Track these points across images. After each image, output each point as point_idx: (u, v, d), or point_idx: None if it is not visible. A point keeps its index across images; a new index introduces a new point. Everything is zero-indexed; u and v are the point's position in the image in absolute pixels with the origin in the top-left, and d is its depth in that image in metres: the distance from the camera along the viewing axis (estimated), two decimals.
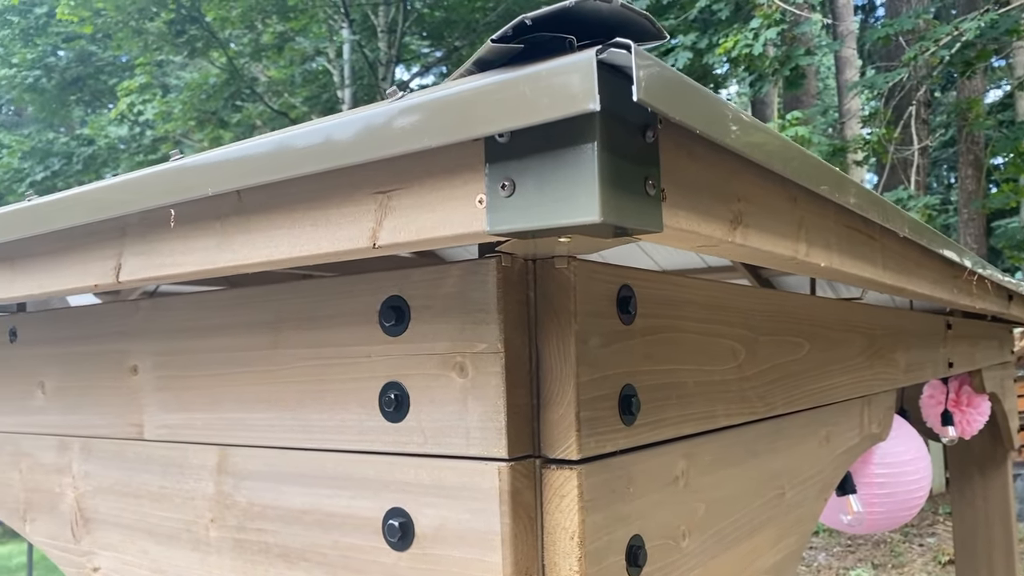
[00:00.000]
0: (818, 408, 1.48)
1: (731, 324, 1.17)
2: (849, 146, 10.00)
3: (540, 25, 0.54)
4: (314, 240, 0.71)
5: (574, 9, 0.52)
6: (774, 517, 1.27)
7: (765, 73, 8.98)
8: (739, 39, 8.35)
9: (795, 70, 8.87)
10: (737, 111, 0.64)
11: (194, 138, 13.06)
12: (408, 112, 0.60)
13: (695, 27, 10.46)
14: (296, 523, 0.98)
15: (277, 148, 0.69)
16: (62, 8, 10.77)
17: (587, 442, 0.83)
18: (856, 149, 9.91)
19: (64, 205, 0.90)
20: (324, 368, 0.96)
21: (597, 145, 0.54)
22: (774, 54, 9.21)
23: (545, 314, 0.85)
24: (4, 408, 1.38)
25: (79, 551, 1.24)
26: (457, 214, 0.62)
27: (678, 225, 0.63)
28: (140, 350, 1.17)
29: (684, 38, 10.29)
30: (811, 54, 9.03)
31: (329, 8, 12.55)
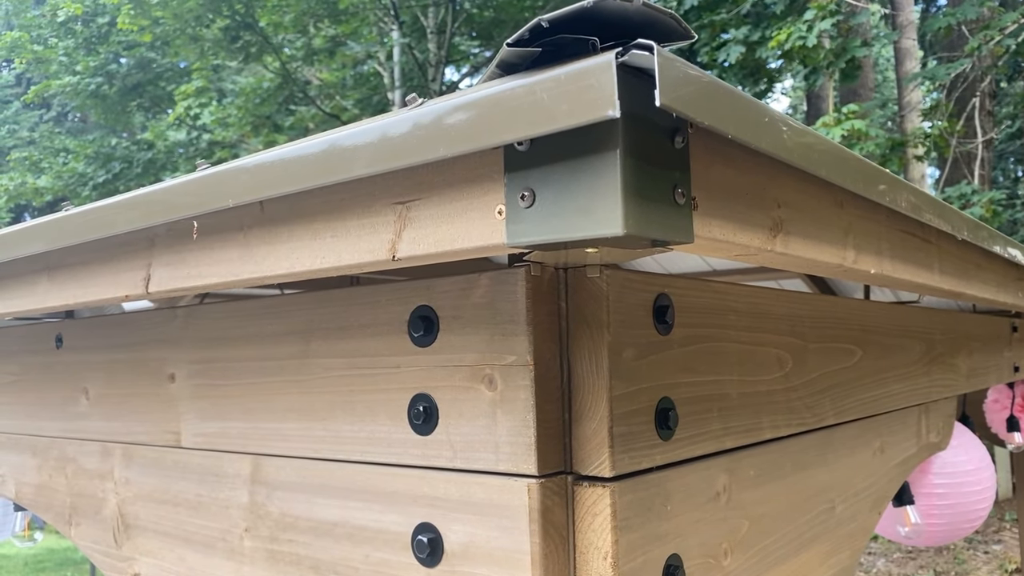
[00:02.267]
0: (871, 418, 1.42)
1: (777, 332, 1.12)
2: (909, 140, 9.69)
3: (558, 27, 0.51)
4: (335, 252, 0.69)
5: (594, 9, 0.49)
6: (824, 532, 1.22)
7: (820, 66, 8.76)
8: (792, 31, 8.16)
9: (851, 62, 8.63)
10: (775, 113, 0.60)
11: (250, 142, 13.32)
12: (423, 121, 0.58)
13: (747, 21, 10.27)
14: (327, 536, 0.97)
15: (296, 158, 0.68)
16: (122, 18, 11.08)
17: (621, 458, 0.80)
18: (916, 143, 9.60)
19: (95, 216, 0.90)
20: (354, 378, 0.94)
21: (620, 153, 0.51)
22: (830, 46, 8.98)
23: (577, 325, 0.82)
24: (51, 414, 1.40)
25: (120, 556, 1.25)
26: (476, 225, 0.59)
27: (711, 235, 0.60)
28: (177, 358, 1.17)
29: (736, 32, 10.11)
30: (867, 45, 8.77)
31: (379, 11, 12.66)
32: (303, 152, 0.67)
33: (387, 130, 0.61)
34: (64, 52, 12.64)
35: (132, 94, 13.56)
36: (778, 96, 23.55)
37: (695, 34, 0.52)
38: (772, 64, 12.07)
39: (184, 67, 13.30)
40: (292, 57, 12.82)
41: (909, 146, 9.76)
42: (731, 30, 10.36)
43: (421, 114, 0.59)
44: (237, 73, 14.12)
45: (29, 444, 1.46)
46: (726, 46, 10.12)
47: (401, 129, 0.59)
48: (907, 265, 0.99)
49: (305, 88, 13.05)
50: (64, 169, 13.59)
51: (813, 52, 8.68)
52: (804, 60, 9.00)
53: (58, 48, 12.55)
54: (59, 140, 15.73)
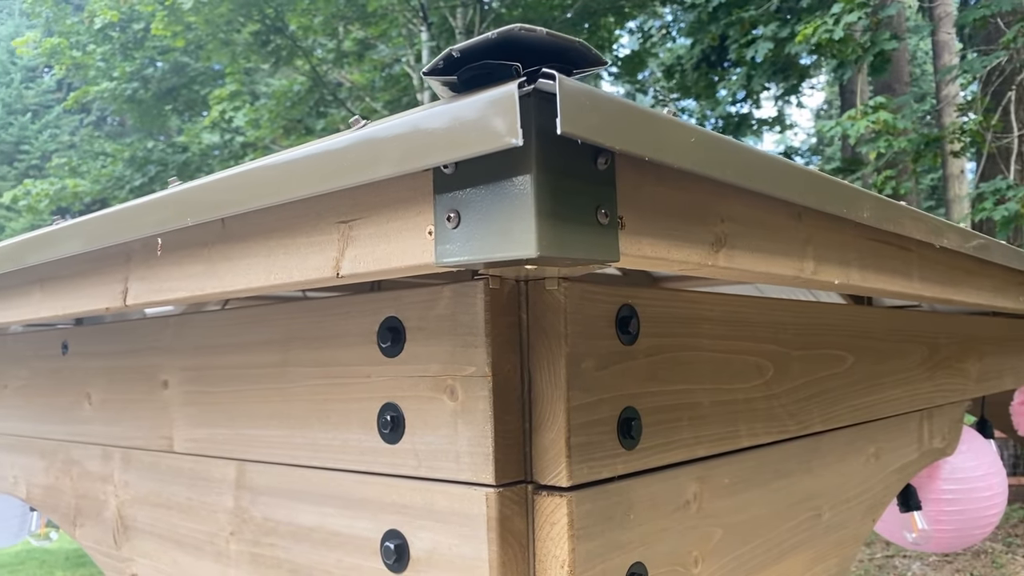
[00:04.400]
0: (865, 424, 1.41)
1: (757, 339, 1.12)
2: (945, 135, 9.50)
3: (470, 57, 0.52)
4: (286, 268, 0.71)
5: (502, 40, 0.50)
6: (808, 540, 1.22)
7: (848, 60, 8.63)
8: (819, 25, 8.05)
9: (880, 55, 8.49)
10: (703, 132, 0.61)
11: (282, 144, 13.49)
12: (358, 143, 0.60)
13: (778, 16, 10.16)
14: (305, 540, 1.00)
15: (249, 177, 0.70)
16: (156, 23, 11.29)
17: (579, 468, 0.81)
18: (953, 139, 9.41)
19: (78, 230, 0.94)
20: (328, 387, 0.97)
21: (533, 176, 0.52)
22: (861, 39, 8.84)
23: (536, 337, 0.83)
24: (57, 417, 1.45)
25: (120, 557, 1.29)
26: (410, 244, 0.61)
27: (641, 252, 0.61)
28: (170, 365, 1.21)
29: (765, 29, 10.01)
30: (897, 38, 8.61)
31: (408, 12, 12.74)
32: (256, 171, 0.70)
33: (328, 150, 0.63)
34: (102, 58, 12.90)
35: (167, 98, 13.80)
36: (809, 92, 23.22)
37: (606, 60, 0.53)
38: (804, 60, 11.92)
39: (218, 70, 13.51)
40: (322, 60, 12.96)
41: (946, 141, 9.57)
42: (760, 27, 10.26)
43: (357, 136, 0.60)
44: (270, 76, 14.31)
45: (38, 447, 1.51)
46: (755, 43, 10.02)
47: (339, 150, 0.61)
48: (880, 274, 0.99)
49: (336, 91, 13.18)
50: (102, 172, 13.88)
51: (842, 45, 8.56)
52: (837, 54, 8.88)
53: (96, 54, 12.81)
54: (98, 144, 16.09)
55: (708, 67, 12.76)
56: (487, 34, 0.50)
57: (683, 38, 14.20)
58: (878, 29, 8.99)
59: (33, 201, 14.32)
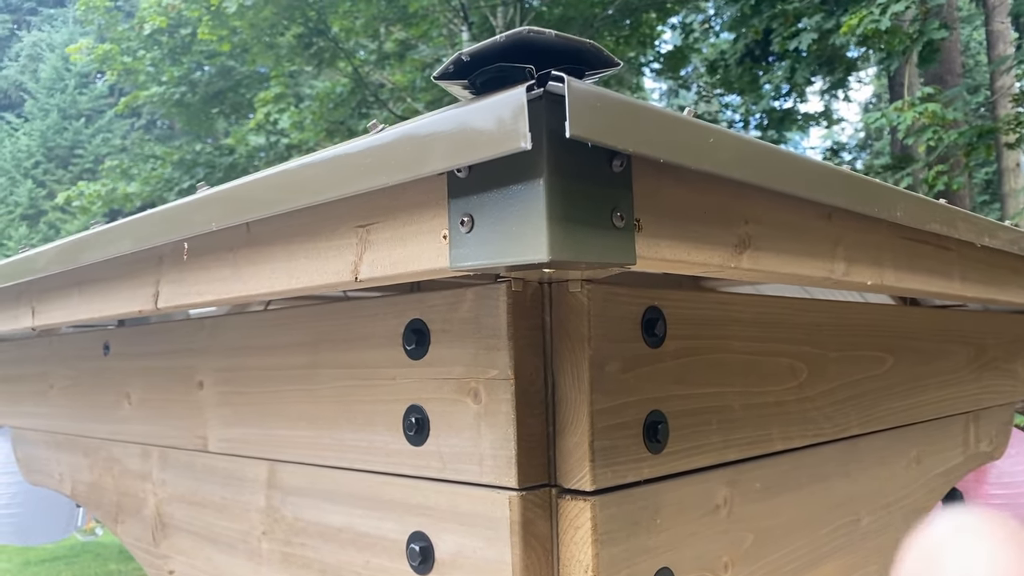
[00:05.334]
0: (906, 427, 1.37)
1: (790, 341, 1.10)
2: (999, 127, 9.22)
3: (480, 60, 0.52)
4: (307, 272, 0.72)
5: (508, 44, 0.50)
6: (846, 545, 1.19)
7: (895, 51, 8.43)
8: (864, 16, 7.87)
9: (928, 45, 8.27)
10: (723, 133, 0.59)
11: (325, 146, 13.65)
12: (373, 147, 0.60)
13: (823, 8, 9.96)
14: (334, 541, 1.00)
15: (270, 182, 0.71)
16: (202, 29, 11.51)
17: (603, 472, 0.80)
18: (1008, 130, 9.13)
19: (113, 235, 0.96)
20: (355, 389, 0.97)
21: (544, 180, 0.52)
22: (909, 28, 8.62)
23: (560, 339, 0.82)
24: (99, 416, 1.48)
25: (158, 554, 1.32)
26: (425, 248, 0.61)
27: (659, 255, 0.60)
28: (205, 366, 1.23)
29: (809, 20, 9.83)
30: (947, 28, 8.37)
31: (449, 12, 12.79)
32: (277, 175, 0.70)
33: (345, 154, 0.63)
34: (151, 63, 13.19)
35: (214, 101, 14.06)
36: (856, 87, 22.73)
37: (619, 61, 0.52)
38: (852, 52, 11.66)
39: (263, 73, 13.71)
40: (364, 61, 13.08)
41: (1001, 133, 9.29)
42: (805, 19, 10.08)
43: (373, 140, 0.60)
44: (313, 78, 14.49)
45: (82, 445, 1.55)
46: (799, 35, 9.85)
47: (354, 156, 0.62)
48: (917, 274, 0.96)
49: (377, 92, 13.29)
50: (152, 175, 14.20)
51: (889, 36, 8.36)
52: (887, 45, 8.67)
53: (145, 59, 13.10)
54: (148, 147, 16.46)
55: (752, 62, 12.57)
56: (495, 38, 0.50)
57: (725, 33, 14.02)
58: (927, 18, 8.76)
59: (86, 202, 14.72)
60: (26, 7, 29.41)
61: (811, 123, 14.85)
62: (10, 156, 22.78)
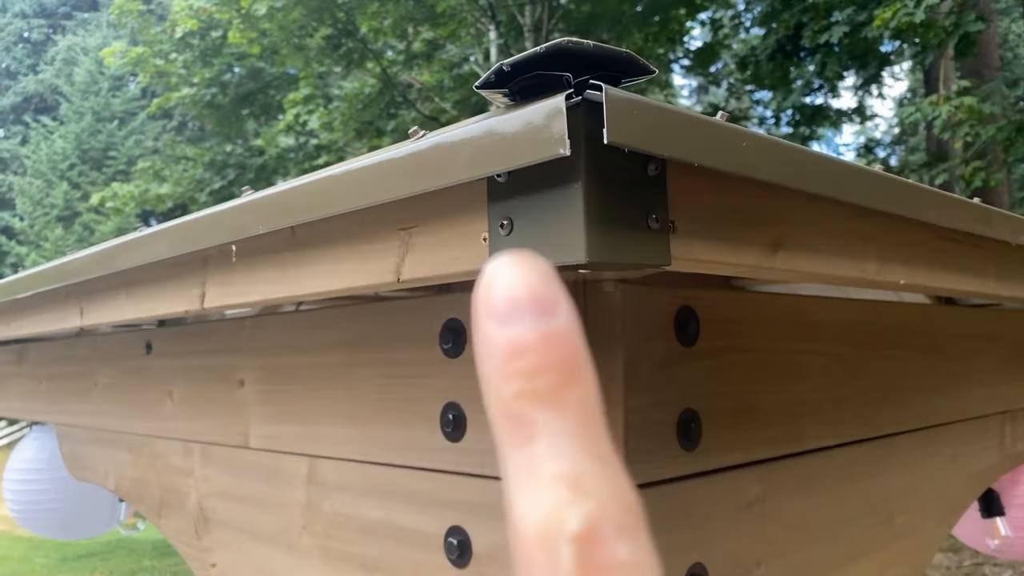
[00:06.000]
0: (941, 426, 1.37)
1: (824, 340, 1.10)
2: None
3: (521, 69, 0.54)
4: (351, 273, 0.74)
5: (547, 53, 0.52)
6: (879, 544, 1.19)
7: (930, 44, 8.30)
8: (898, 8, 7.76)
9: (965, 38, 8.14)
10: (756, 136, 0.60)
11: (354, 146, 13.78)
12: (414, 154, 0.62)
13: (855, 1, 9.84)
14: (372, 535, 1.03)
15: (315, 187, 0.73)
16: (233, 32, 11.67)
17: (637, 469, 0.82)
18: None
19: (160, 237, 0.99)
20: (393, 386, 1.00)
21: (582, 185, 0.53)
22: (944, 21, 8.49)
23: (594, 338, 0.84)
24: (142, 414, 1.52)
25: (200, 547, 1.36)
26: (466, 251, 0.63)
27: (694, 256, 0.61)
28: (246, 365, 1.26)
29: (840, 14, 9.72)
30: (984, 20, 8.24)
31: (477, 12, 12.83)
32: (321, 181, 0.73)
33: (387, 161, 0.65)
34: (183, 65, 13.39)
35: (244, 103, 14.22)
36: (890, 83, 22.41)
37: (655, 69, 0.54)
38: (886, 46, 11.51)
39: (292, 74, 13.85)
40: (393, 61, 13.17)
41: None
42: (836, 12, 9.97)
43: (414, 147, 0.63)
44: (342, 78, 14.61)
45: (125, 441, 1.59)
46: (830, 28, 9.74)
47: (398, 160, 0.64)
48: (951, 273, 0.96)
49: (405, 92, 13.37)
50: (184, 176, 14.41)
51: (924, 29, 8.24)
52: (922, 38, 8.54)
53: (177, 62, 13.30)
54: (180, 148, 16.70)
55: (783, 57, 12.45)
56: (535, 48, 0.51)
57: (756, 28, 13.90)
58: (963, 11, 8.63)
59: (120, 203, 14.99)
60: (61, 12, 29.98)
61: (844, 119, 14.68)
62: (46, 159, 23.25)
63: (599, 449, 0.24)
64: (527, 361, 0.24)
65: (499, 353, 0.24)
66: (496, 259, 0.25)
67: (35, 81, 28.07)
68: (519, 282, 0.24)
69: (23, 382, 2.09)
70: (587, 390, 0.25)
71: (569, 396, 0.24)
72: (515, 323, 0.24)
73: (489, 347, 0.25)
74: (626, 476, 0.25)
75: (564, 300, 0.25)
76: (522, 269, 0.25)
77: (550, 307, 0.25)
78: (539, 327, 0.24)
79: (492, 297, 0.24)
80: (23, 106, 28.38)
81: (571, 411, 0.24)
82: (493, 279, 0.25)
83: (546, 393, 0.24)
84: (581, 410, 0.24)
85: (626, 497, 0.24)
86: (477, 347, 0.25)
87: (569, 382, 0.25)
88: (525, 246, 0.58)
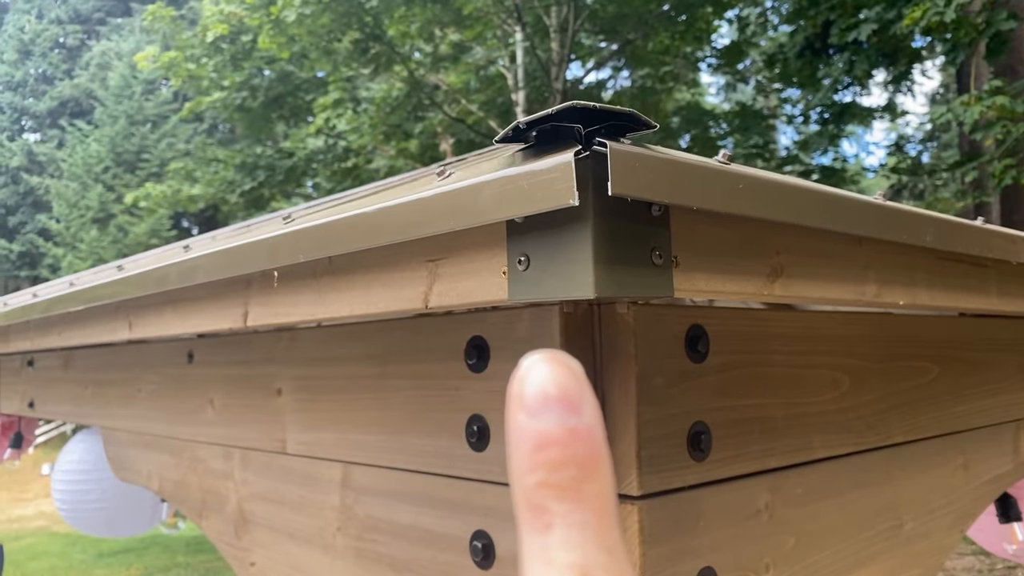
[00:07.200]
0: (952, 435, 1.41)
1: (831, 354, 1.15)
2: None
3: (536, 123, 0.60)
4: (383, 299, 0.81)
5: (559, 112, 0.58)
6: (888, 549, 1.23)
7: (961, 42, 8.22)
8: (928, 7, 7.70)
9: (997, 36, 8.05)
10: (752, 177, 0.66)
11: (383, 149, 13.93)
12: (442, 196, 0.68)
13: None
14: (403, 537, 1.10)
15: (351, 222, 0.80)
16: (263, 37, 11.86)
17: (649, 478, 0.88)
18: None
19: (208, 261, 1.07)
20: (421, 398, 1.06)
21: (592, 227, 0.59)
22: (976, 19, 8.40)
23: (608, 357, 0.90)
24: (184, 419, 1.61)
25: (240, 547, 1.44)
26: (487, 282, 0.69)
27: (695, 287, 0.67)
28: (283, 375, 1.34)
29: (869, 11, 9.64)
30: (1016, 18, 8.14)
31: (503, 13, 12.89)
32: (357, 217, 0.79)
33: (417, 201, 0.72)
34: (213, 69, 13.61)
35: (273, 105, 14.43)
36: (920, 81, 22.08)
37: (655, 124, 0.60)
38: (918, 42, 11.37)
39: (321, 77, 14.02)
40: (420, 64, 13.28)
41: None
42: (864, 10, 9.90)
43: (443, 189, 0.69)
44: (370, 81, 14.75)
45: (168, 445, 1.68)
46: (858, 27, 9.67)
47: (430, 201, 0.70)
48: (952, 292, 1.00)
49: (432, 94, 13.48)
50: (215, 177, 14.65)
51: (955, 27, 8.16)
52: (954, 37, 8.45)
53: (208, 66, 13.53)
54: (211, 151, 16.98)
55: (812, 55, 12.36)
56: (548, 110, 0.58)
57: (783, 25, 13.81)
58: (994, 8, 8.53)
59: (153, 203, 15.27)
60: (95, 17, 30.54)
61: (874, 116, 14.53)
62: (81, 162, 23.74)
63: (609, 542, 0.26)
64: (551, 454, 0.26)
65: (527, 444, 0.27)
66: (531, 356, 0.28)
67: (71, 86, 28.65)
68: (550, 379, 0.27)
69: (70, 387, 2.20)
70: (604, 485, 0.27)
71: (587, 490, 0.26)
72: (544, 417, 0.27)
73: (518, 437, 0.27)
74: (633, 569, 0.28)
75: (590, 399, 0.28)
76: (554, 367, 0.27)
77: (576, 405, 0.27)
78: (565, 423, 0.27)
79: (525, 392, 0.27)
80: (59, 110, 28.98)
81: (587, 504, 0.26)
82: (527, 374, 0.27)
83: (566, 486, 0.26)
84: (597, 504, 0.26)
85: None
86: (507, 435, 0.28)
87: (588, 477, 0.27)
88: (540, 281, 0.64)
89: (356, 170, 14.05)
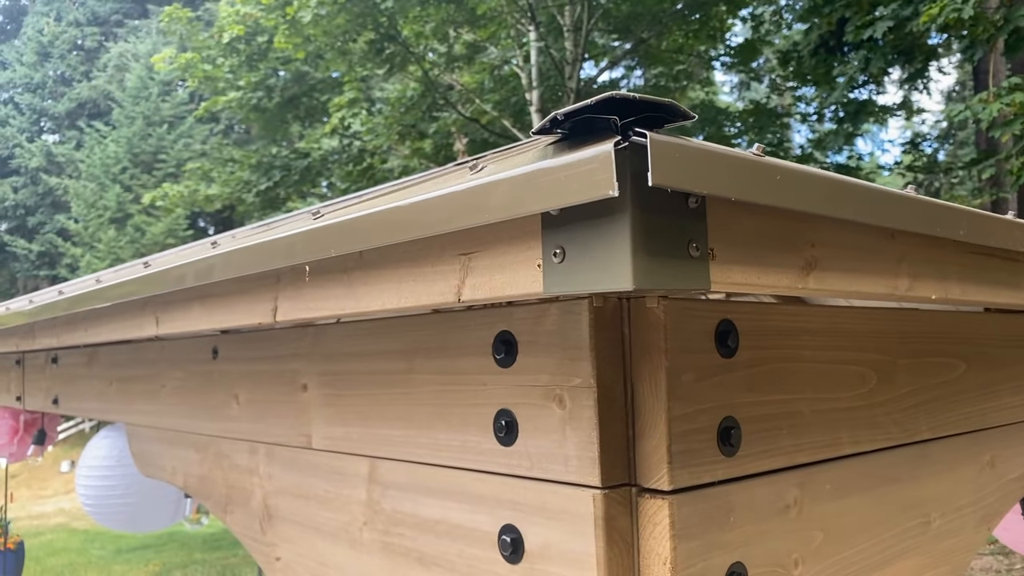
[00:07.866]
0: (979, 431, 1.40)
1: (859, 349, 1.15)
2: None
3: (573, 115, 0.60)
4: (415, 293, 0.81)
5: (598, 103, 0.58)
6: (916, 546, 1.23)
7: (979, 39, 8.15)
8: (945, 4, 7.63)
9: (1015, 33, 7.98)
10: (788, 169, 0.66)
11: (398, 149, 13.97)
12: (476, 189, 0.68)
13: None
14: (430, 532, 1.10)
15: (384, 216, 0.80)
16: (279, 38, 11.91)
17: (679, 473, 0.88)
18: None
19: (237, 258, 1.07)
20: (449, 393, 1.07)
21: (630, 218, 0.59)
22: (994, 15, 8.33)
23: (638, 351, 0.90)
24: (209, 415, 1.62)
25: (265, 542, 1.45)
26: (521, 275, 0.69)
27: (731, 280, 0.67)
28: (309, 370, 1.34)
29: (885, 9, 9.57)
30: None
31: (517, 13, 12.89)
32: (389, 211, 0.80)
33: (450, 194, 0.72)
34: (229, 70, 13.69)
35: (289, 106, 14.49)
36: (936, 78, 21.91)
37: (694, 115, 0.59)
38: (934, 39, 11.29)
39: (336, 78, 14.07)
40: (434, 64, 13.30)
41: None
42: (880, 7, 9.82)
43: (476, 183, 0.69)
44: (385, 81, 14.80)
45: (192, 441, 1.69)
46: (874, 24, 9.60)
47: (462, 195, 0.70)
48: (983, 286, 1.00)
49: (446, 94, 13.49)
50: (231, 177, 14.73)
51: (974, 23, 8.09)
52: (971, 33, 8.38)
53: (224, 67, 13.60)
54: (227, 151, 17.08)
55: (826, 53, 12.29)
56: (587, 101, 0.58)
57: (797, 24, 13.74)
58: (1013, 5, 8.45)
59: (170, 203, 15.39)
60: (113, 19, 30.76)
61: (889, 114, 14.43)
62: (99, 162, 23.94)
63: None
64: None
65: None
66: None
67: (88, 87, 28.90)
68: None
69: (94, 383, 2.22)
70: None
71: None
72: None
73: None
74: None
75: None
76: None
77: None
78: None
79: None
80: (77, 111, 29.23)
81: None
82: None
83: None
84: None
85: None
86: None
87: None
88: (576, 273, 0.64)
89: (371, 170, 14.10)
